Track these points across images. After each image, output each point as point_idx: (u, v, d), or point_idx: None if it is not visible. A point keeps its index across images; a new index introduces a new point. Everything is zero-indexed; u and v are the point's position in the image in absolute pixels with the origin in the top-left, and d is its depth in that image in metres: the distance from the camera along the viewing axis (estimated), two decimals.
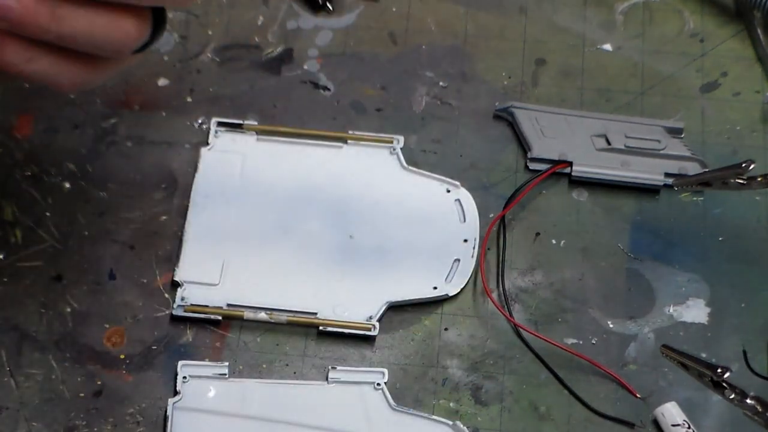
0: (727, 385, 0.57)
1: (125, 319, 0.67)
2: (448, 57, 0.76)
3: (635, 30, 0.77)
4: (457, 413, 0.65)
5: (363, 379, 0.65)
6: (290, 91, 0.75)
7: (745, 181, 0.63)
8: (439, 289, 0.68)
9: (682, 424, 0.63)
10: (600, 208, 0.71)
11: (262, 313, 0.67)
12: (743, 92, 0.75)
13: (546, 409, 0.65)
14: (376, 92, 0.75)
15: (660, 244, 0.70)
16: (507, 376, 0.66)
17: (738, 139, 0.73)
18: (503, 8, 0.78)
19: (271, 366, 0.66)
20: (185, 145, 0.72)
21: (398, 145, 0.72)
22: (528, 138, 0.72)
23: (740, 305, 0.68)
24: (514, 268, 0.69)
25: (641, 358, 0.66)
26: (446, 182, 0.71)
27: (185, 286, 0.67)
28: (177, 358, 0.65)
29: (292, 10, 0.78)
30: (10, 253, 0.68)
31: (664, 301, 0.68)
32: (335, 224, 0.69)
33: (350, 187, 0.71)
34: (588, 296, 0.68)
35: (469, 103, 0.74)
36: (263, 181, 0.71)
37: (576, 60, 0.76)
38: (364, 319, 0.67)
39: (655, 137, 0.72)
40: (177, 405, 0.63)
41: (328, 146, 0.72)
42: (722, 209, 0.71)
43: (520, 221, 0.71)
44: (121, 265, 0.68)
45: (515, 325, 0.67)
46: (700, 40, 0.77)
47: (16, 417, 0.64)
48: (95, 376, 0.65)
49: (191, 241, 0.69)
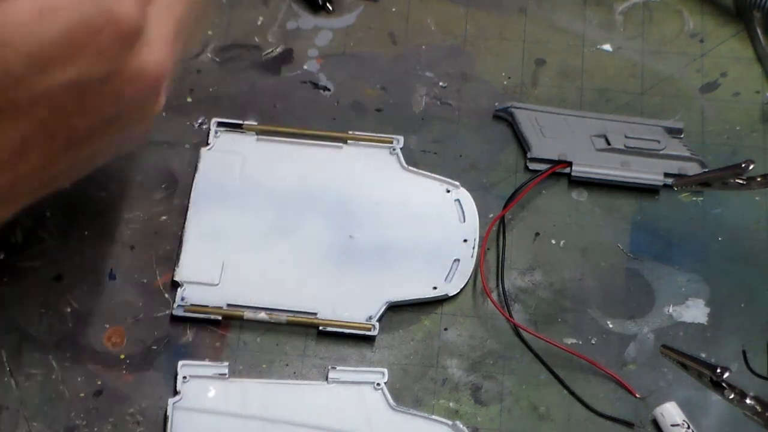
0: (726, 385, 0.57)
1: (125, 319, 0.67)
2: (448, 57, 0.76)
3: (635, 30, 0.77)
4: (456, 413, 0.65)
5: (363, 379, 0.65)
6: (290, 91, 0.75)
7: (745, 181, 0.63)
8: (438, 289, 0.68)
9: (681, 424, 0.63)
10: (600, 208, 0.71)
11: (262, 313, 0.67)
12: (743, 92, 0.75)
13: (546, 409, 0.65)
14: (376, 92, 0.75)
15: (660, 244, 0.70)
16: (507, 376, 0.66)
17: (737, 139, 0.73)
18: (503, 8, 0.78)
19: (271, 366, 0.66)
20: (185, 145, 0.72)
21: (398, 145, 0.72)
22: (528, 138, 0.72)
23: (740, 305, 0.68)
24: (514, 268, 0.69)
25: (641, 358, 0.66)
26: (446, 182, 0.71)
27: (185, 286, 0.67)
28: (177, 358, 0.65)
29: (292, 10, 0.78)
30: (10, 253, 0.68)
31: (663, 301, 0.68)
32: (335, 224, 0.70)
33: (350, 187, 0.71)
34: (588, 296, 0.68)
35: (469, 103, 0.74)
36: (263, 181, 0.71)
37: (576, 60, 0.76)
38: (364, 319, 0.67)
39: (655, 137, 0.72)
40: (177, 405, 0.63)
41: (328, 146, 0.72)
42: (722, 209, 0.71)
43: (520, 221, 0.71)
44: (121, 265, 0.68)
45: (515, 325, 0.67)
46: (700, 40, 0.77)
47: (16, 417, 0.64)
48: (95, 376, 0.65)
49: (191, 241, 0.69)
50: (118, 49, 0.47)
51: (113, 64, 0.48)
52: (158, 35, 0.50)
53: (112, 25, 0.46)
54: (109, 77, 0.48)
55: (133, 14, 0.47)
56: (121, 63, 0.48)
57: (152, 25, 0.50)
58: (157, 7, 0.50)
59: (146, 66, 0.49)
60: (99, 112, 0.50)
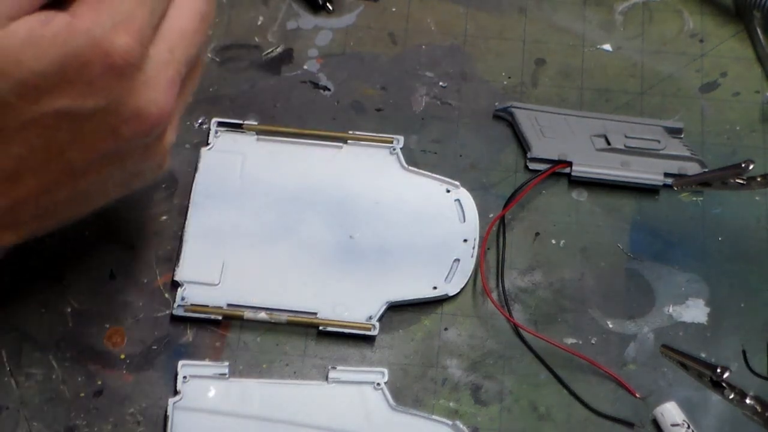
0: (726, 384, 0.57)
1: (125, 319, 0.67)
2: (448, 57, 0.76)
3: (635, 30, 0.77)
4: (456, 413, 0.65)
5: (363, 379, 0.65)
6: (290, 91, 0.75)
7: (745, 181, 0.63)
8: (439, 289, 0.68)
9: (681, 423, 0.63)
10: (600, 208, 0.71)
11: (262, 313, 0.67)
12: (743, 92, 0.75)
13: (546, 409, 0.65)
14: (376, 92, 0.75)
15: (660, 244, 0.70)
16: (507, 375, 0.66)
17: (737, 139, 0.73)
18: (503, 8, 0.78)
19: (271, 366, 0.66)
20: (185, 145, 0.72)
21: (398, 145, 0.72)
22: (528, 138, 0.72)
23: (740, 305, 0.68)
24: (514, 268, 0.69)
25: (641, 358, 0.66)
26: (446, 182, 0.71)
27: (185, 286, 0.67)
28: (177, 358, 0.65)
29: (292, 10, 0.78)
30: (10, 253, 0.68)
31: (663, 301, 0.68)
32: (335, 224, 0.70)
33: (350, 187, 0.71)
34: (588, 296, 0.68)
35: (469, 103, 0.74)
36: (263, 181, 0.71)
37: (576, 60, 0.76)
38: (364, 319, 0.67)
39: (655, 137, 0.72)
40: (177, 405, 0.63)
41: (328, 146, 0.72)
42: (722, 209, 0.71)
43: (520, 221, 0.71)
44: (121, 265, 0.68)
45: (515, 325, 0.67)
46: (700, 40, 0.77)
47: (17, 417, 0.64)
48: (95, 376, 0.65)
49: (191, 241, 0.69)
50: (110, 83, 0.47)
51: (105, 98, 0.47)
52: (161, 77, 0.50)
53: (103, 58, 0.46)
54: (104, 112, 0.48)
55: (125, 48, 0.47)
56: (115, 98, 0.48)
57: (154, 65, 0.49)
58: (160, 48, 0.50)
59: (146, 106, 0.49)
60: (95, 146, 0.50)
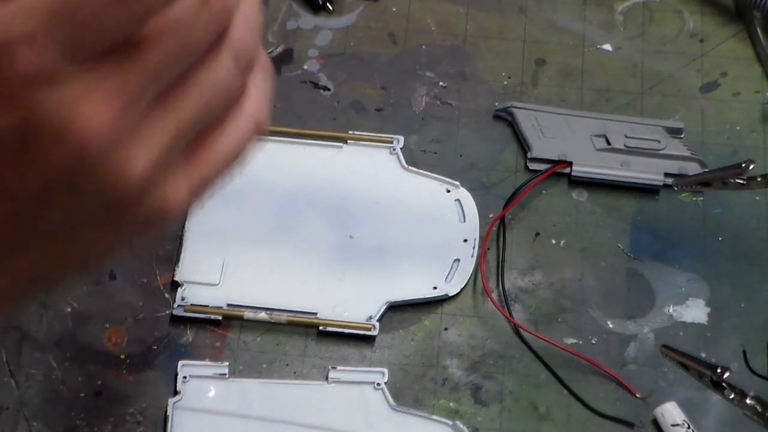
0: (726, 385, 0.57)
1: (125, 319, 0.67)
2: (448, 57, 0.76)
3: (635, 30, 0.77)
4: (457, 413, 0.65)
5: (363, 379, 0.65)
6: (290, 91, 0.75)
7: (745, 181, 0.63)
8: (439, 289, 0.68)
9: (681, 424, 0.63)
10: (600, 208, 0.71)
11: (262, 313, 0.67)
12: (743, 92, 0.75)
13: (546, 409, 0.65)
14: (376, 92, 0.75)
15: (660, 244, 0.70)
16: (507, 375, 0.66)
17: (738, 139, 0.73)
18: (503, 8, 0.78)
19: (271, 366, 0.66)
20: None
21: (398, 145, 0.72)
22: (528, 138, 0.72)
23: (740, 305, 0.68)
24: (514, 268, 0.69)
25: (641, 358, 0.66)
26: (446, 182, 0.71)
27: (185, 286, 0.67)
28: (177, 358, 0.65)
29: (292, 10, 0.78)
30: None
31: (663, 301, 0.68)
32: (335, 224, 0.70)
33: (350, 187, 0.71)
34: (588, 296, 0.68)
35: (469, 103, 0.74)
36: (263, 181, 0.71)
37: (576, 60, 0.76)
38: (364, 319, 0.67)
39: (655, 137, 0.72)
40: (177, 405, 0.63)
41: (328, 146, 0.72)
42: (722, 209, 0.71)
43: (520, 221, 0.71)
44: (121, 265, 0.68)
45: (515, 325, 0.67)
46: (700, 40, 0.77)
47: (17, 417, 0.64)
48: (95, 376, 0.65)
49: (191, 241, 0.69)
50: (22, 93, 0.36)
51: (17, 113, 0.37)
52: (97, 85, 0.37)
53: (9, 64, 0.37)
54: (17, 130, 0.38)
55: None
56: (31, 113, 0.37)
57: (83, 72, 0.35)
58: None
59: (73, 122, 0.35)
60: (25, 176, 0.40)
